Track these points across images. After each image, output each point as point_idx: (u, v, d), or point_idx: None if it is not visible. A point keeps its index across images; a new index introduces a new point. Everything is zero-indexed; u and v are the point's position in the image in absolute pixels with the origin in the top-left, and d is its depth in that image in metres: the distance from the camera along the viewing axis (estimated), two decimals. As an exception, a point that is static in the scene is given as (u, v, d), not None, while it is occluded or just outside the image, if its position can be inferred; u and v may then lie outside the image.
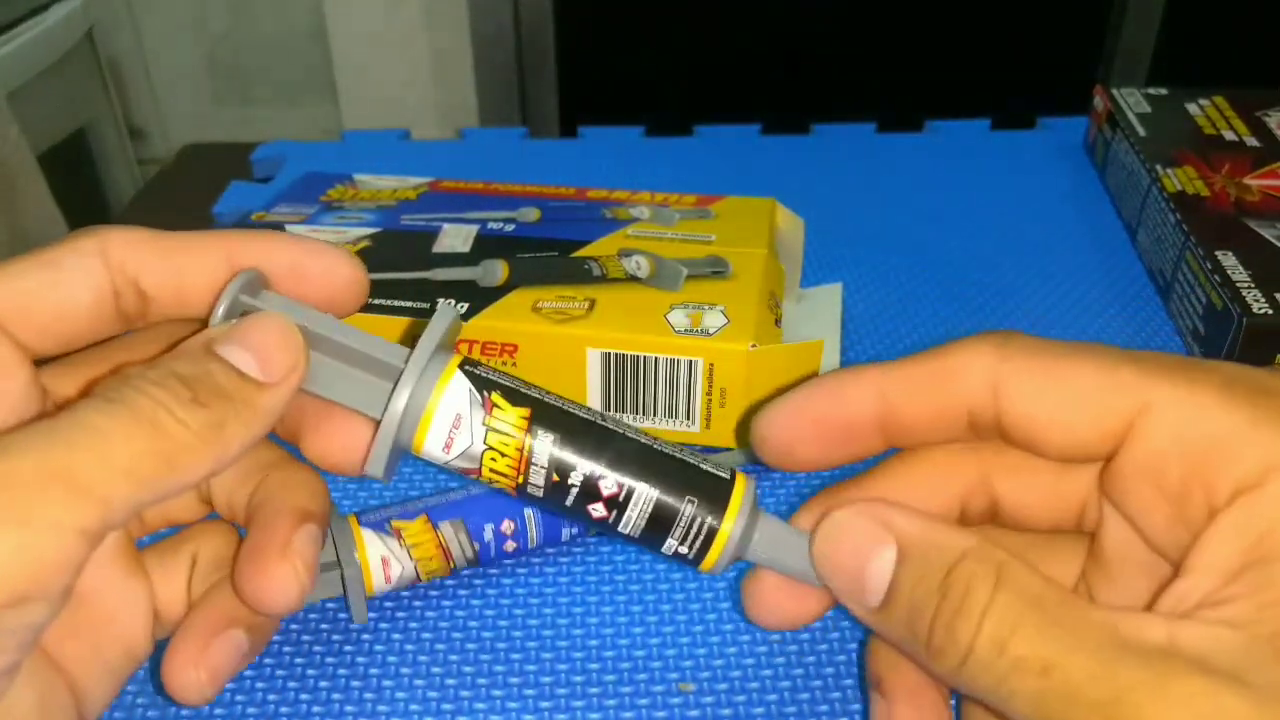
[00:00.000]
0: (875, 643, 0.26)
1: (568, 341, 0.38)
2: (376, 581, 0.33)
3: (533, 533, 0.35)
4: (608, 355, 0.38)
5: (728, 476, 0.25)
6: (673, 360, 0.37)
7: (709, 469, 0.25)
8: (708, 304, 0.39)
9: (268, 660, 0.32)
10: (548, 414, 0.24)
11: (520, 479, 0.24)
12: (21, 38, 1.16)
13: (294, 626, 0.33)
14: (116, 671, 0.25)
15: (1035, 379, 0.22)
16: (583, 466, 0.23)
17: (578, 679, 0.32)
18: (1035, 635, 0.19)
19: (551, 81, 1.61)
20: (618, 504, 0.24)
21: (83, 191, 1.30)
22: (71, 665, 0.24)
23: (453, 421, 0.23)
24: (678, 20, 1.59)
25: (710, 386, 0.38)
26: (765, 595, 0.26)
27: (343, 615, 0.34)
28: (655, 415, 0.39)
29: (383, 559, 0.32)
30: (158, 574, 0.26)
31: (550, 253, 0.43)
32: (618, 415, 0.39)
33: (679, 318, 0.38)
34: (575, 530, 0.35)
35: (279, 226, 0.46)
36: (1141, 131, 0.56)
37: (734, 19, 1.59)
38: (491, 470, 0.24)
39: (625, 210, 0.46)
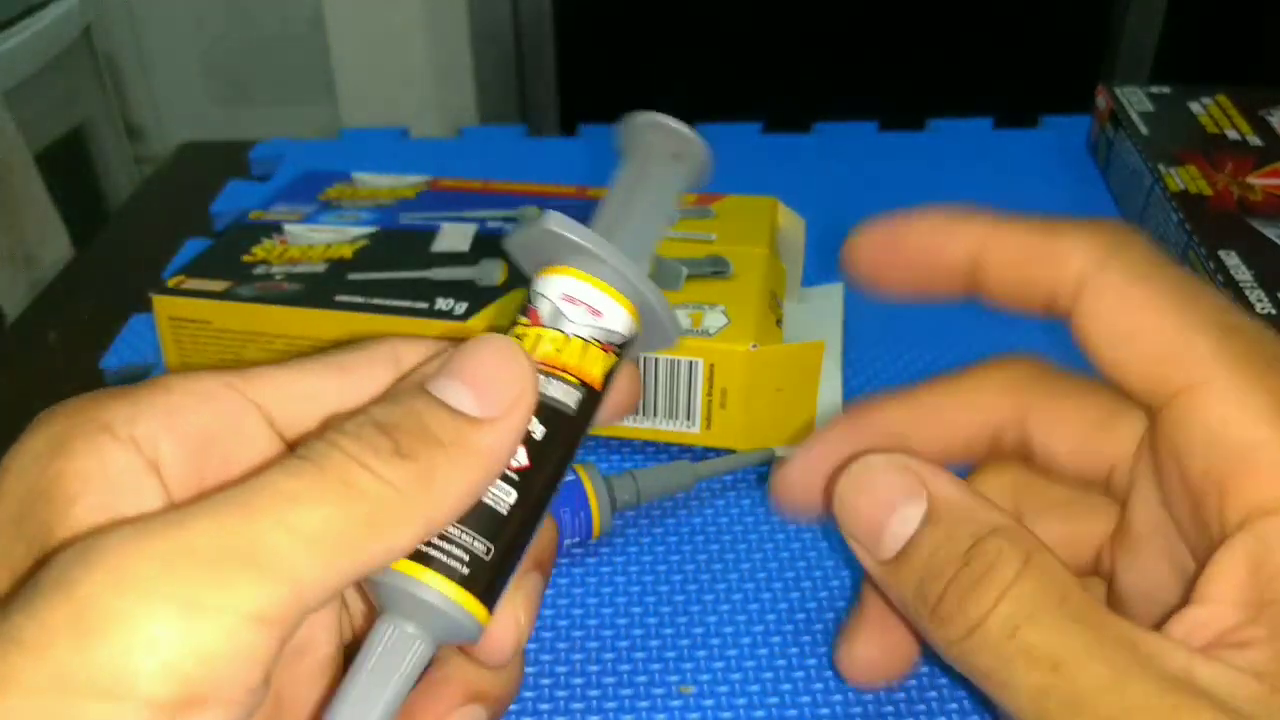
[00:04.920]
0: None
1: (567, 341, 0.38)
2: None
3: None
4: (607, 355, 0.38)
5: (480, 606, 0.20)
6: (673, 361, 0.37)
7: (494, 589, 0.20)
8: (708, 304, 0.38)
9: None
10: (551, 415, 0.21)
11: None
12: (18, 35, 1.16)
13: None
14: None
15: (1122, 307, 0.21)
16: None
17: (577, 681, 0.31)
18: (1052, 627, 0.18)
19: (551, 79, 1.61)
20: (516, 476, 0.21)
21: (80, 190, 1.29)
22: None
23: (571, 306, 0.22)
24: (678, 19, 1.59)
25: (711, 387, 0.37)
26: (858, 659, 0.26)
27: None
28: (655, 416, 0.38)
29: None
30: None
31: (550, 252, 0.42)
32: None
33: (679, 318, 0.38)
34: (576, 538, 0.35)
35: (276, 225, 0.46)
36: (1144, 130, 0.55)
37: (734, 17, 1.59)
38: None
39: (625, 209, 0.46)
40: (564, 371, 0.21)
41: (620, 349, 0.22)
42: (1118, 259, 0.21)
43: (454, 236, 0.44)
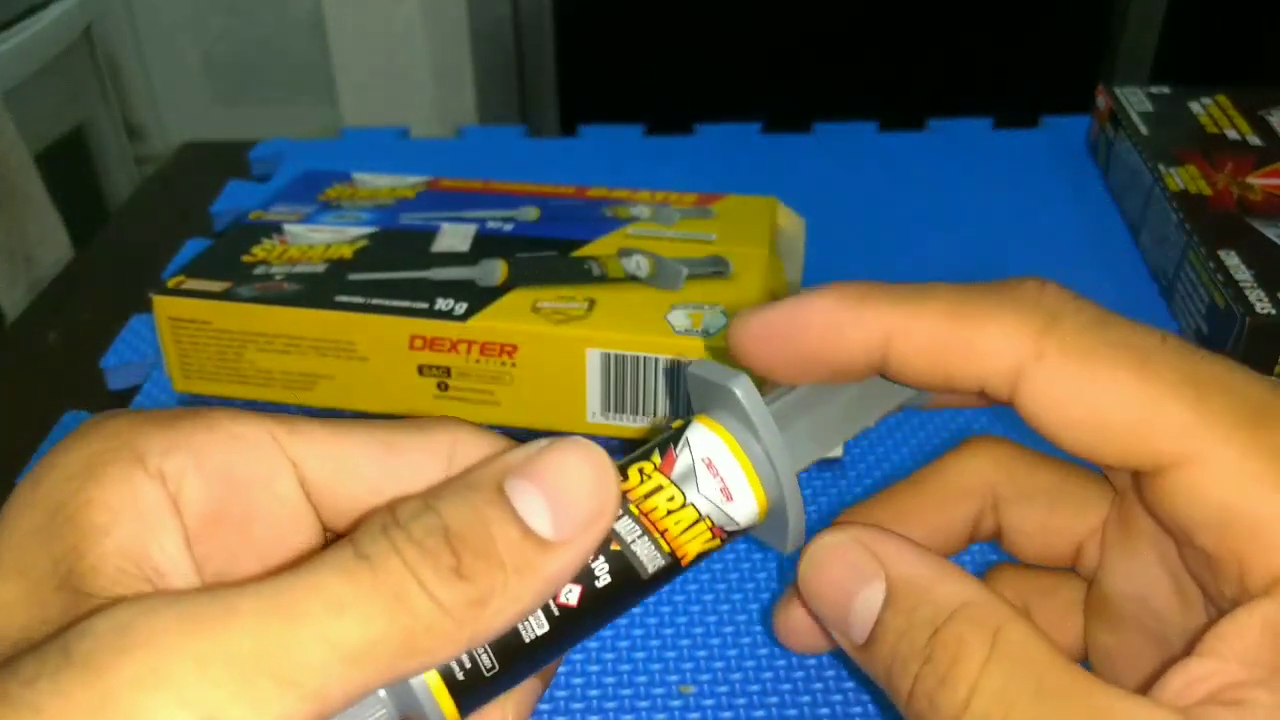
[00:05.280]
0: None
1: (567, 342, 0.38)
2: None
3: None
4: (607, 356, 0.38)
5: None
6: (673, 360, 0.37)
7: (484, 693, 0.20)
8: (708, 304, 0.38)
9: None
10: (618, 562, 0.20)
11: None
12: (19, 35, 1.16)
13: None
14: None
15: (1071, 413, 0.20)
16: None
17: (577, 681, 0.31)
18: None
19: (551, 80, 1.61)
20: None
21: (80, 190, 1.29)
22: None
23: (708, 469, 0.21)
24: (678, 19, 1.59)
25: (711, 387, 0.37)
26: (792, 625, 0.25)
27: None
28: (655, 416, 0.38)
29: None
30: None
31: (549, 252, 0.42)
32: (617, 416, 0.39)
33: (679, 318, 0.38)
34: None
35: (276, 226, 0.46)
36: (1144, 130, 0.55)
37: (734, 17, 1.59)
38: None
39: (625, 209, 0.46)
40: (661, 534, 0.20)
41: (729, 535, 0.21)
42: (1051, 339, 0.20)
43: (454, 236, 0.44)
